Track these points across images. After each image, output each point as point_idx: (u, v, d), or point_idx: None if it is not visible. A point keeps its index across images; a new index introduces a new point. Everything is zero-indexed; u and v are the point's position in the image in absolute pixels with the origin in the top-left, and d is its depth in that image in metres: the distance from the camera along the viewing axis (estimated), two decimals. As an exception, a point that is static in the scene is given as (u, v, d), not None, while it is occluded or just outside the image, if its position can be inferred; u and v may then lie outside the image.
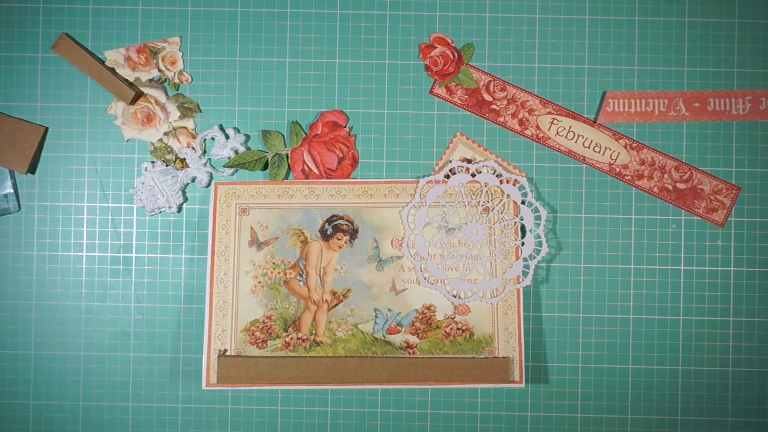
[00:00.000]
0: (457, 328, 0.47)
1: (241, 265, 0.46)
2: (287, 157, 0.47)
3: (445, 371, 0.46)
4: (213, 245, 0.46)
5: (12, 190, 0.47)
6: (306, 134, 0.47)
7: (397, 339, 0.46)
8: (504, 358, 0.46)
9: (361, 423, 0.47)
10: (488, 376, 0.46)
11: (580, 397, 0.47)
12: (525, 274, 0.46)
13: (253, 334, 0.46)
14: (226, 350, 0.46)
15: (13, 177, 0.47)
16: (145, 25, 0.47)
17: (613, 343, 0.47)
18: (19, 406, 0.47)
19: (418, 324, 0.46)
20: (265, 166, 0.47)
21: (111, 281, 0.47)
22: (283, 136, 0.47)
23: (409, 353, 0.46)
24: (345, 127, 0.47)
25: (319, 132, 0.47)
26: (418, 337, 0.46)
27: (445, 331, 0.47)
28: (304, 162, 0.47)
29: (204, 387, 0.46)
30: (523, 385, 0.46)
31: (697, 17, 0.48)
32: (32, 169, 0.47)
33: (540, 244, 0.47)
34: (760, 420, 0.47)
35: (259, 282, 0.46)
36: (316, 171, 0.47)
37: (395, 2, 0.48)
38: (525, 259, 0.46)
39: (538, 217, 0.47)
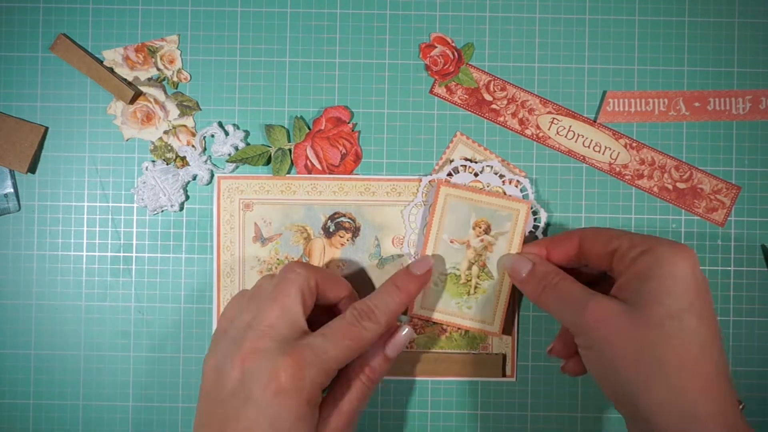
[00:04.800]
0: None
1: (247, 260, 0.46)
2: (290, 152, 0.47)
3: (441, 366, 0.47)
4: (218, 240, 0.46)
5: (12, 190, 0.47)
6: (309, 129, 0.47)
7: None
8: (497, 354, 0.47)
9: (360, 422, 0.47)
10: (482, 371, 0.47)
11: (580, 396, 0.47)
12: (525, 273, 0.47)
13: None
14: None
15: (13, 177, 0.47)
16: (145, 25, 0.47)
17: (613, 342, 0.47)
18: (19, 405, 0.47)
19: (415, 320, 0.47)
20: (268, 161, 0.47)
21: (111, 281, 0.47)
22: (287, 130, 0.47)
23: (407, 348, 0.47)
24: (348, 123, 0.47)
25: (322, 127, 0.47)
26: (415, 332, 0.47)
27: (442, 327, 0.47)
28: (307, 157, 0.47)
29: None
30: (514, 379, 0.47)
31: (697, 17, 0.48)
32: (32, 169, 0.47)
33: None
34: (761, 419, 0.47)
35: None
36: (318, 166, 0.47)
37: (395, 2, 0.48)
38: (525, 259, 0.47)
39: (537, 219, 0.47)
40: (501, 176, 0.47)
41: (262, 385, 0.35)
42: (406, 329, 0.42)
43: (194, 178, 0.47)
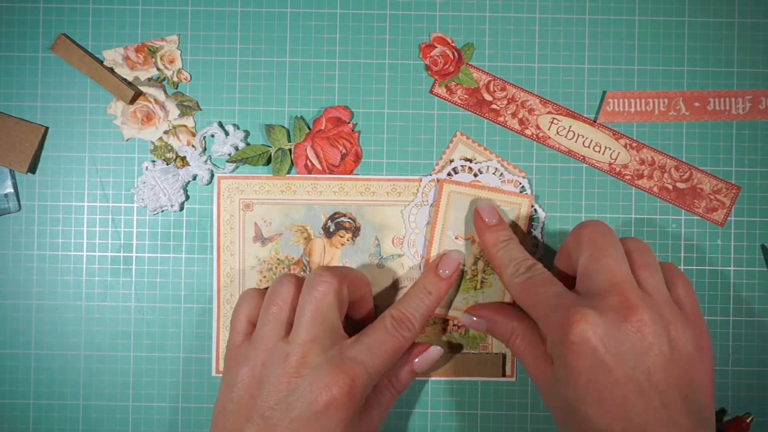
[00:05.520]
0: (453, 324, 0.47)
1: (247, 260, 0.46)
2: (290, 152, 0.47)
3: (441, 366, 0.47)
4: (218, 240, 0.46)
5: (12, 190, 0.47)
6: (309, 129, 0.47)
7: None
8: (497, 353, 0.47)
9: (361, 423, 0.47)
10: (481, 371, 0.47)
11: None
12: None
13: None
14: None
15: (13, 177, 0.47)
16: (145, 25, 0.47)
17: (613, 342, 0.47)
18: (19, 405, 0.47)
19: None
20: (268, 161, 0.47)
21: (111, 281, 0.47)
22: (287, 130, 0.47)
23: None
24: (348, 123, 0.47)
25: (322, 127, 0.47)
26: None
27: (441, 327, 0.47)
28: (307, 157, 0.47)
29: (213, 374, 0.47)
30: (514, 379, 0.47)
31: (697, 17, 0.48)
32: (32, 169, 0.47)
33: (537, 245, 0.47)
34: (761, 419, 0.47)
35: (264, 277, 0.47)
36: (318, 166, 0.47)
37: (395, 2, 0.48)
38: (525, 259, 0.47)
39: (536, 219, 0.47)
40: (501, 176, 0.47)
41: (312, 399, 0.35)
42: (437, 347, 0.44)
43: (194, 178, 0.47)
